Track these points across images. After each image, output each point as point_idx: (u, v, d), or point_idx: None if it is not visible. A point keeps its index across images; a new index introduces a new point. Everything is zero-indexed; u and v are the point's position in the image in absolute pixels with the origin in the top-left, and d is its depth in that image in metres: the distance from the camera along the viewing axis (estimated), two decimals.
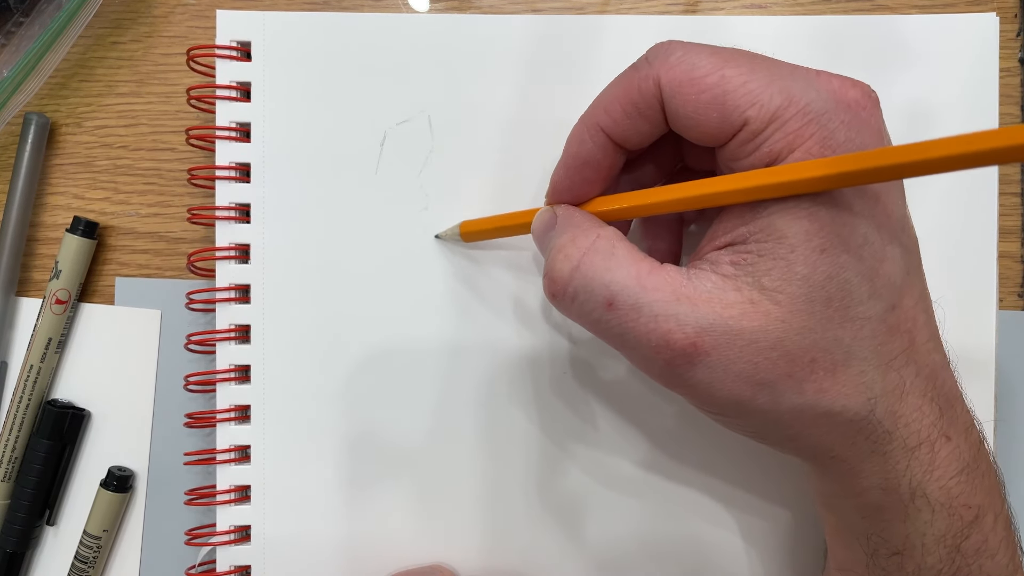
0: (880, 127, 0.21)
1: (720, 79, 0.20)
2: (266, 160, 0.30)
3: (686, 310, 0.20)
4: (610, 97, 0.23)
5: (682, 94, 0.21)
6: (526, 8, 0.32)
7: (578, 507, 0.30)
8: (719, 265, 0.21)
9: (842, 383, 0.20)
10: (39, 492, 0.32)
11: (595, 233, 0.22)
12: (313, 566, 0.30)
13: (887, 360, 0.21)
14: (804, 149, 0.20)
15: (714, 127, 0.21)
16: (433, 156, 0.30)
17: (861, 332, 0.20)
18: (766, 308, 0.20)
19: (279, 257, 0.30)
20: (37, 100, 0.33)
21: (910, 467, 0.21)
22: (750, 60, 0.21)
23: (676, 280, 0.21)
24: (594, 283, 0.21)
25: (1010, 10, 0.31)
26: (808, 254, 0.20)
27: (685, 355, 0.20)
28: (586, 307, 0.22)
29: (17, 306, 0.33)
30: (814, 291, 0.20)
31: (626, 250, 0.22)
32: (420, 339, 0.30)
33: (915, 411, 0.21)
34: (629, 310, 0.21)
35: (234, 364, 0.30)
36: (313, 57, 0.30)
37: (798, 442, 0.22)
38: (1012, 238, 0.32)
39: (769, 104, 0.20)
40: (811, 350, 0.20)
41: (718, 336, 0.20)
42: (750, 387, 0.20)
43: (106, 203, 0.33)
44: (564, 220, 0.24)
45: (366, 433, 0.30)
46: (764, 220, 0.20)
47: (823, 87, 0.20)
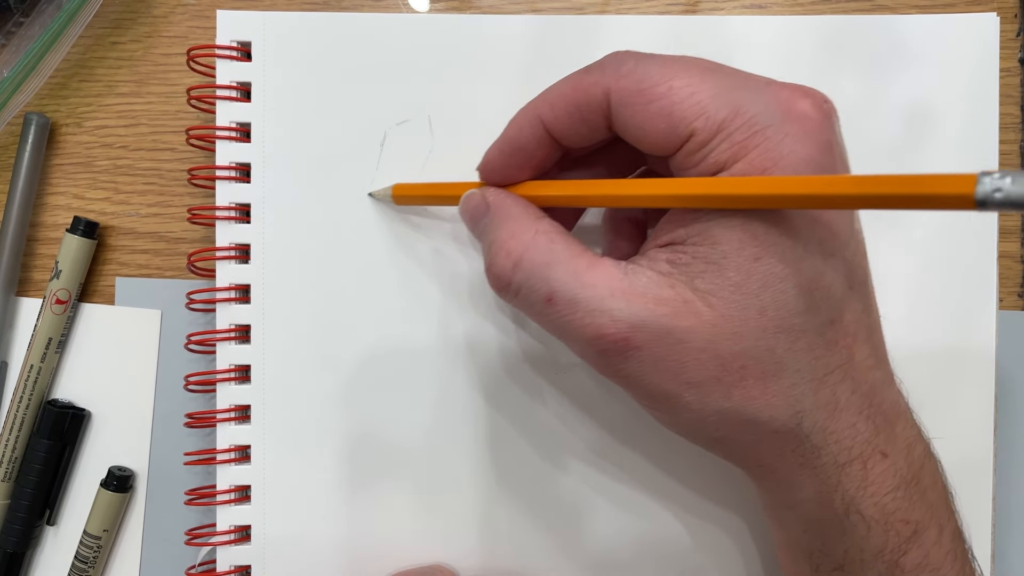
0: (829, 139, 0.21)
1: (668, 90, 0.20)
2: (266, 160, 0.30)
3: (620, 305, 0.20)
4: (557, 93, 0.23)
5: (631, 104, 0.21)
6: (526, 8, 0.32)
7: (578, 507, 0.30)
8: (656, 262, 0.21)
9: (771, 393, 0.20)
10: (39, 492, 0.32)
11: (533, 228, 0.22)
12: (313, 566, 0.30)
13: (822, 375, 0.21)
14: (747, 160, 0.20)
15: (661, 138, 0.21)
16: (433, 156, 0.30)
17: (796, 344, 0.20)
18: (698, 309, 0.20)
19: (279, 257, 0.30)
20: (37, 100, 0.33)
21: (841, 483, 0.21)
22: (701, 71, 0.21)
23: (612, 275, 0.21)
24: (534, 279, 0.22)
25: (1010, 10, 0.31)
26: (741, 262, 0.20)
27: (617, 348, 0.21)
28: (528, 300, 0.22)
29: (17, 306, 0.33)
30: (747, 299, 0.20)
31: (564, 245, 0.22)
32: (420, 339, 0.30)
33: (848, 428, 0.21)
34: (567, 304, 0.21)
35: (234, 364, 0.30)
36: (313, 57, 0.30)
37: (726, 446, 0.22)
38: (1012, 238, 0.32)
39: (715, 116, 0.20)
40: (741, 357, 0.20)
41: (649, 332, 0.20)
42: (678, 384, 0.21)
43: (106, 203, 0.33)
44: (499, 210, 0.24)
45: (366, 433, 0.30)
46: (701, 225, 0.20)
47: (772, 98, 0.20)
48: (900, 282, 0.30)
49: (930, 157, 0.30)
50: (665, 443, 0.30)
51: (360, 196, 0.30)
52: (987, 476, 0.30)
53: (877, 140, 0.30)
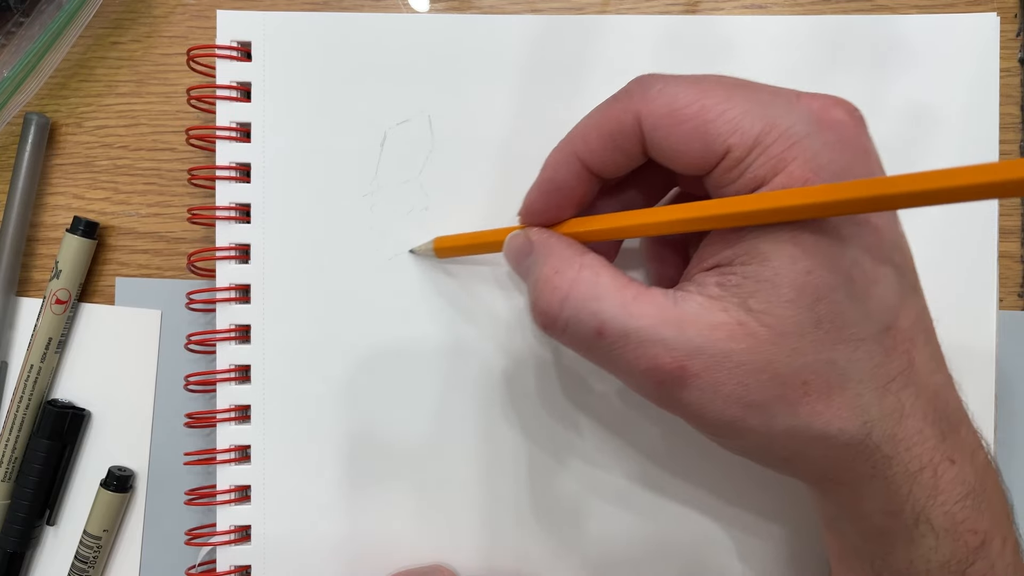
0: (866, 145, 0.21)
1: (700, 109, 0.20)
2: (266, 160, 0.30)
3: (673, 334, 0.20)
4: (588, 126, 0.23)
5: (663, 127, 0.21)
6: (526, 8, 0.32)
7: (578, 507, 0.30)
8: (705, 287, 0.21)
9: (837, 406, 0.20)
10: (39, 492, 0.32)
11: (578, 263, 0.22)
12: (313, 566, 0.30)
13: (884, 382, 0.20)
14: (787, 172, 0.19)
15: (697, 157, 0.21)
16: (433, 156, 0.30)
17: (856, 354, 0.20)
18: (753, 329, 0.20)
19: (279, 257, 0.30)
20: (37, 100, 0.33)
21: (913, 492, 0.21)
22: (729, 88, 0.21)
23: (662, 304, 0.21)
24: (582, 313, 0.21)
25: (1010, 10, 0.31)
26: (794, 277, 0.20)
27: (674, 378, 0.20)
28: (577, 336, 0.22)
29: (17, 306, 0.33)
30: (802, 313, 0.20)
31: (610, 277, 0.22)
32: (420, 339, 0.30)
33: (916, 434, 0.21)
34: (618, 338, 0.21)
35: (234, 364, 0.30)
36: (313, 57, 0.30)
37: (795, 464, 0.22)
38: (1012, 238, 0.32)
39: (750, 130, 0.20)
40: (803, 372, 0.20)
41: (706, 359, 0.20)
42: (741, 408, 0.20)
43: (106, 203, 0.33)
44: (543, 248, 0.24)
45: (366, 433, 0.30)
46: (748, 243, 0.20)
47: (804, 109, 0.20)
48: None
49: (930, 157, 0.30)
50: (667, 443, 0.30)
51: (360, 196, 0.30)
52: None
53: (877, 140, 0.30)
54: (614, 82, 0.30)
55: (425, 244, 0.29)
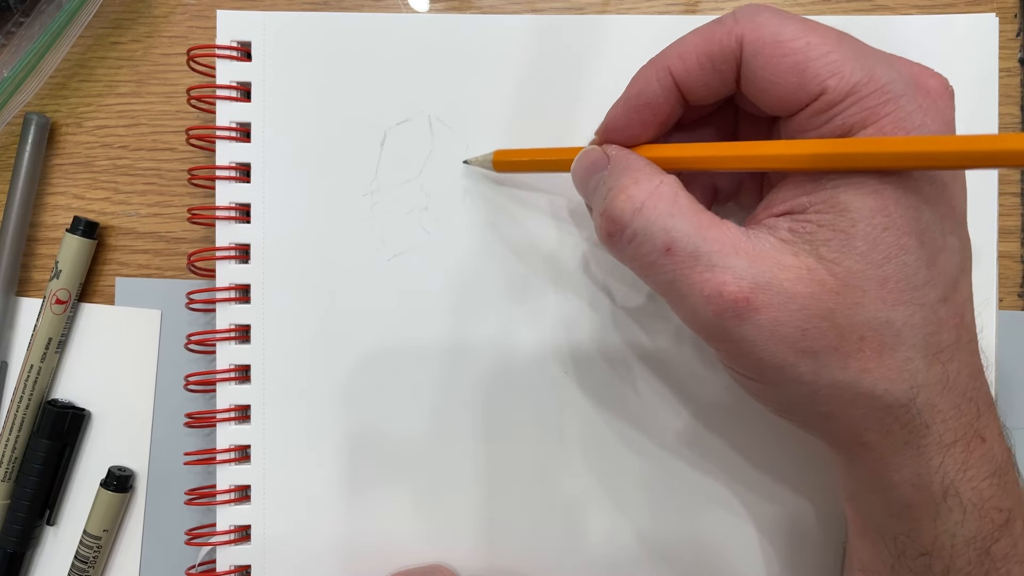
0: (952, 119, 0.21)
1: (805, 45, 0.20)
2: (266, 160, 0.30)
3: (744, 264, 0.20)
4: (687, 45, 0.22)
5: (764, 55, 0.21)
6: (526, 8, 0.32)
7: (578, 507, 0.30)
8: (777, 230, 0.21)
9: (887, 366, 0.20)
10: (39, 492, 0.32)
11: (658, 179, 0.22)
12: (313, 566, 0.30)
13: (935, 351, 0.20)
14: (877, 127, 0.20)
15: (790, 93, 0.20)
16: (433, 156, 0.30)
17: (913, 318, 0.20)
18: (822, 277, 0.20)
19: (279, 257, 0.30)
20: (37, 100, 0.33)
21: (944, 464, 0.21)
22: (837, 34, 0.21)
23: (736, 235, 0.21)
24: (654, 227, 0.21)
25: (1010, 10, 0.31)
26: (869, 231, 0.20)
27: (736, 308, 0.20)
28: (642, 249, 0.21)
29: (17, 306, 0.33)
30: (871, 269, 0.20)
31: (688, 199, 0.21)
32: (420, 339, 0.30)
33: (954, 408, 0.21)
34: (687, 257, 0.20)
35: (234, 364, 0.30)
36: (313, 57, 0.30)
37: (830, 422, 0.22)
38: (1012, 238, 0.32)
39: (850, 77, 0.20)
40: (861, 327, 0.20)
41: (772, 295, 0.20)
42: (794, 353, 0.20)
43: (106, 203, 0.33)
44: (621, 162, 0.23)
45: (366, 433, 0.30)
46: (827, 192, 0.20)
47: (904, 70, 0.20)
48: None
49: None
50: (666, 442, 0.30)
51: (360, 196, 0.30)
52: None
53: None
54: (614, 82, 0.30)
55: (484, 155, 0.29)
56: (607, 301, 0.30)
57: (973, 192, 0.29)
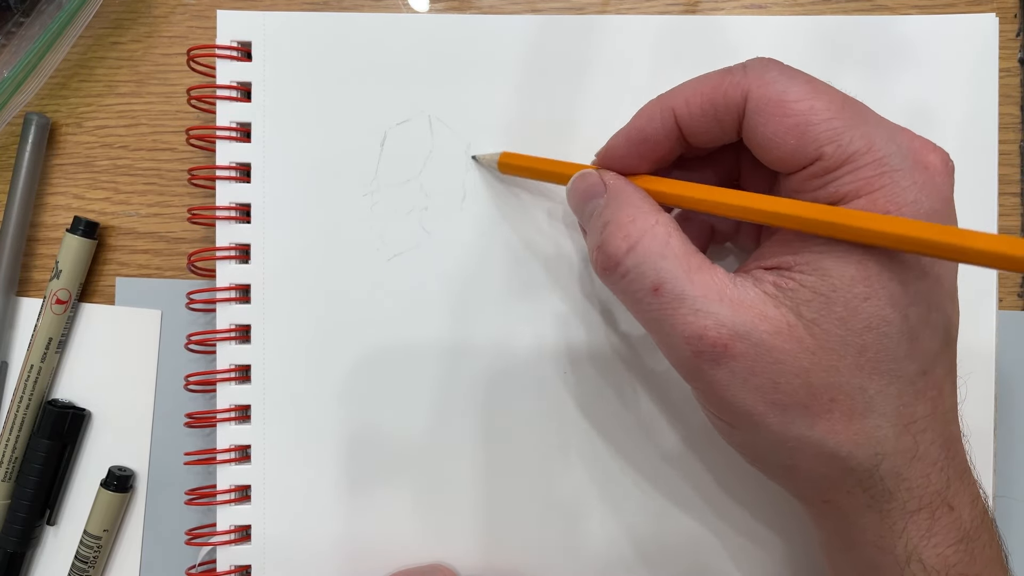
0: (950, 197, 0.21)
1: (808, 108, 0.20)
2: (266, 160, 0.30)
3: (726, 312, 0.20)
4: (694, 89, 0.23)
5: (767, 112, 0.21)
6: (526, 8, 0.32)
7: (578, 507, 0.30)
8: (762, 283, 0.21)
9: (855, 430, 0.20)
10: (39, 492, 0.32)
11: (653, 218, 0.22)
12: (313, 566, 0.30)
13: (907, 422, 0.21)
14: (870, 198, 0.20)
15: (788, 153, 0.21)
16: (433, 156, 0.30)
17: (888, 388, 0.20)
18: (800, 335, 0.20)
19: (279, 257, 0.30)
20: (37, 100, 0.33)
21: (907, 530, 0.21)
22: (842, 99, 0.21)
23: (722, 282, 0.21)
24: (646, 266, 0.21)
25: (1010, 10, 0.31)
26: (850, 299, 0.20)
27: (714, 352, 0.20)
28: (633, 286, 0.22)
29: (17, 306, 0.33)
30: (850, 336, 0.20)
31: (680, 241, 0.22)
32: (420, 339, 0.30)
33: (922, 477, 0.21)
34: (673, 299, 0.21)
35: (234, 364, 0.30)
36: (313, 57, 0.30)
37: (795, 476, 0.22)
38: None
39: (848, 146, 0.20)
40: (833, 390, 0.20)
41: (749, 345, 0.20)
42: (764, 403, 0.20)
43: (106, 203, 0.33)
44: (619, 192, 0.23)
45: (366, 433, 0.30)
46: (812, 254, 0.20)
47: (904, 143, 0.20)
48: None
49: None
50: (666, 444, 0.30)
51: (360, 196, 0.30)
52: (987, 476, 0.30)
53: None
54: (614, 82, 0.30)
55: (491, 154, 0.29)
56: (606, 303, 0.30)
57: (973, 192, 0.30)
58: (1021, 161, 0.31)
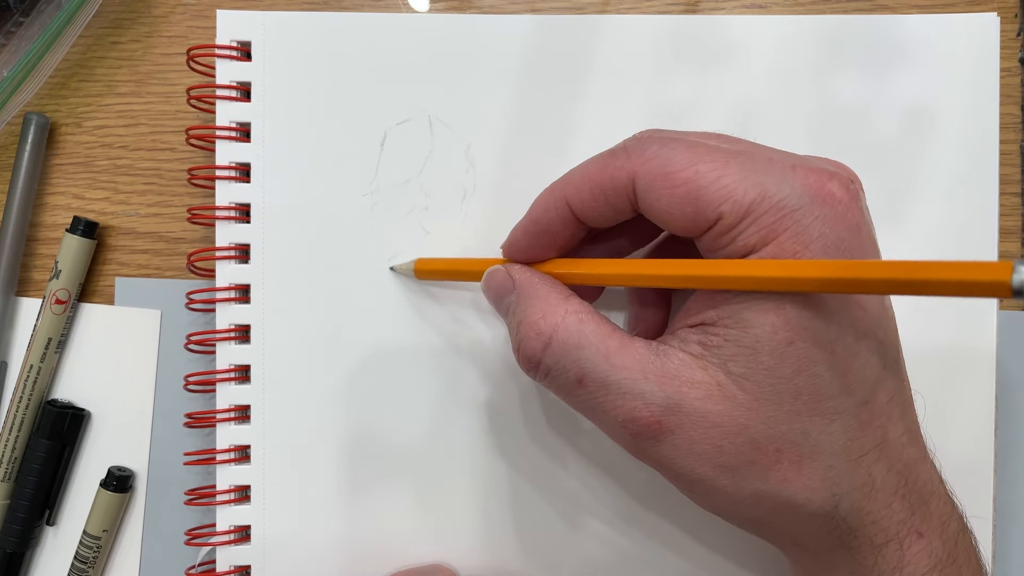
0: (858, 220, 0.21)
1: (694, 174, 0.20)
2: (266, 160, 0.30)
3: (652, 388, 0.20)
4: (581, 176, 0.23)
5: (656, 188, 0.21)
6: (526, 8, 0.32)
7: (578, 506, 0.30)
8: (688, 343, 0.21)
9: (807, 476, 0.20)
10: (39, 492, 0.32)
11: (563, 308, 0.22)
12: (313, 566, 0.30)
13: (857, 456, 0.21)
14: (777, 243, 0.20)
15: (688, 221, 0.21)
16: (433, 156, 0.30)
17: (831, 427, 0.20)
18: (732, 392, 0.20)
19: (279, 257, 0.30)
20: (37, 100, 0.33)
21: (878, 564, 0.21)
22: (724, 155, 0.21)
23: (644, 357, 0.21)
24: (565, 360, 0.22)
25: (1010, 10, 0.31)
26: (774, 347, 0.20)
27: (650, 432, 0.21)
28: (558, 382, 0.22)
29: (17, 306, 0.33)
30: (781, 383, 0.20)
31: (595, 325, 0.22)
32: (420, 339, 0.30)
33: (884, 508, 0.21)
34: (598, 387, 0.21)
35: (234, 364, 0.30)
36: (313, 57, 0.30)
37: (761, 526, 0.22)
38: (1012, 238, 0.32)
39: (743, 200, 0.20)
40: (777, 440, 0.20)
41: (683, 416, 0.20)
42: (712, 468, 0.20)
43: (106, 203, 0.33)
44: (527, 288, 0.24)
45: (366, 433, 0.30)
46: (732, 307, 0.20)
47: (800, 181, 0.20)
48: None
49: (930, 157, 0.30)
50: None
51: (360, 196, 0.30)
52: (988, 476, 0.30)
53: (877, 140, 0.30)
54: (614, 82, 0.30)
55: (406, 264, 0.29)
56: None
57: (974, 192, 0.30)
58: (1021, 161, 0.31)
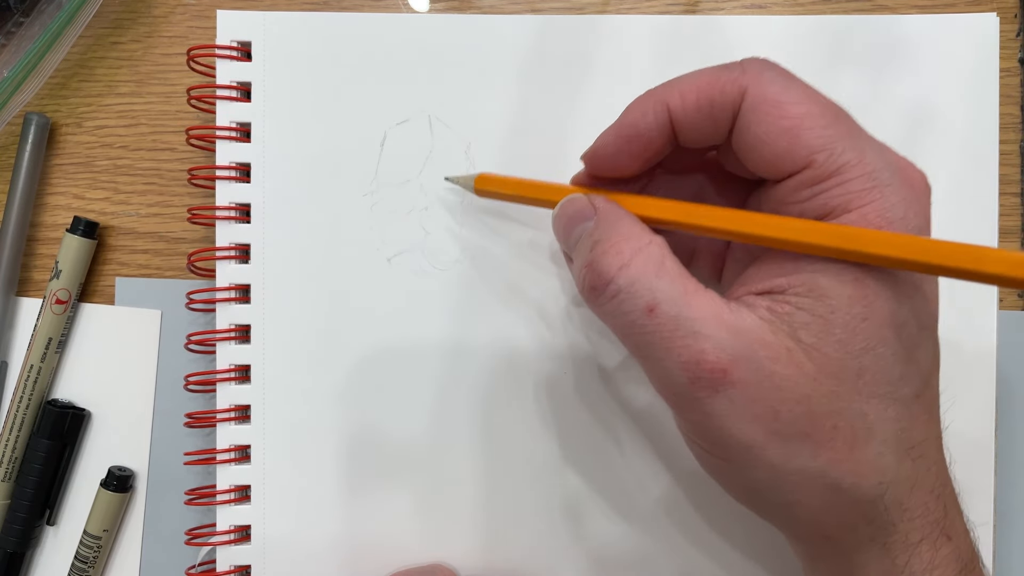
0: (929, 214, 0.21)
1: (804, 112, 0.20)
2: (266, 160, 0.30)
3: (725, 336, 0.19)
4: (689, 84, 0.22)
5: (761, 111, 0.20)
6: (526, 8, 0.32)
7: (578, 507, 0.30)
8: (756, 309, 0.20)
9: (858, 459, 0.20)
10: (39, 492, 0.32)
11: (647, 239, 0.21)
12: (313, 566, 0.30)
13: (907, 447, 0.20)
14: (860, 213, 0.19)
15: (777, 157, 0.20)
16: (433, 156, 0.30)
17: (887, 412, 0.20)
18: (799, 359, 0.19)
19: (279, 257, 0.30)
20: (37, 100, 0.33)
21: (910, 563, 0.20)
22: (836, 110, 0.20)
23: (720, 306, 0.20)
24: (640, 285, 0.20)
25: (1010, 10, 0.31)
26: (848, 320, 0.19)
27: (712, 379, 0.19)
28: (624, 307, 0.21)
29: (17, 306, 0.33)
30: (849, 358, 0.19)
31: (675, 263, 0.21)
32: (420, 339, 0.30)
33: (921, 506, 0.20)
34: (669, 320, 0.20)
35: (234, 364, 0.30)
36: (313, 57, 0.30)
37: (794, 512, 0.21)
38: (1012, 238, 0.32)
39: (839, 156, 0.19)
40: (835, 416, 0.19)
41: (751, 371, 0.19)
42: (765, 434, 0.19)
43: (106, 203, 0.33)
44: (610, 215, 0.22)
45: (366, 433, 0.30)
46: (807, 275, 0.20)
47: (892, 159, 0.20)
48: None
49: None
50: (666, 444, 0.30)
51: (360, 196, 0.30)
52: (988, 476, 0.30)
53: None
54: (614, 82, 0.30)
55: (466, 176, 0.28)
56: None
57: (974, 192, 0.30)
58: (1021, 161, 0.31)
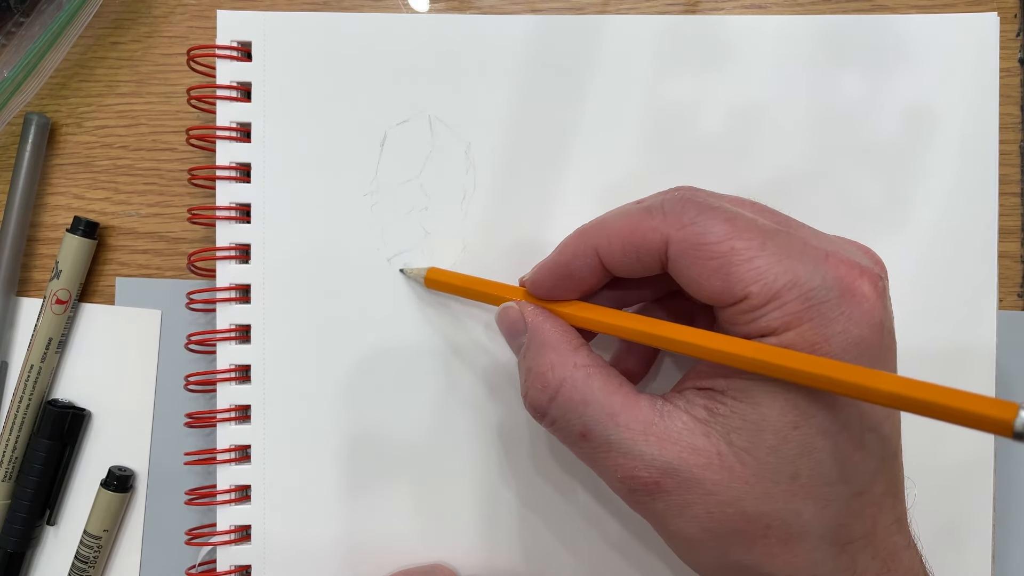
0: (881, 319, 0.21)
1: (729, 250, 0.20)
2: (266, 160, 0.30)
3: (653, 451, 0.21)
4: (615, 230, 0.23)
5: (688, 257, 0.21)
6: (526, 8, 0.32)
7: (578, 507, 0.30)
8: (694, 407, 0.21)
9: (791, 554, 0.20)
10: (39, 492, 0.32)
11: (572, 361, 0.23)
12: (313, 566, 0.30)
13: (844, 542, 0.21)
14: (798, 331, 0.20)
15: (715, 293, 0.21)
16: (433, 156, 0.30)
17: (824, 512, 0.20)
18: (731, 463, 0.20)
19: (279, 257, 0.30)
20: (37, 100, 0.33)
21: None
22: (761, 233, 0.21)
23: (648, 417, 0.21)
24: (570, 415, 0.22)
25: (1010, 10, 0.31)
26: (780, 427, 0.20)
27: (647, 490, 0.21)
28: (562, 433, 0.23)
29: (17, 306, 0.33)
30: (782, 463, 0.20)
31: (602, 380, 0.23)
32: (420, 339, 0.30)
33: None
34: (601, 443, 0.22)
35: (234, 364, 0.30)
36: (313, 57, 0.30)
37: None
38: (1012, 238, 0.32)
39: (773, 284, 0.20)
40: (768, 516, 0.20)
41: (680, 480, 0.21)
42: (700, 531, 0.21)
43: (106, 203, 0.33)
44: (538, 334, 0.24)
45: (366, 433, 0.30)
46: (743, 382, 0.21)
47: (830, 273, 0.20)
48: (901, 282, 0.29)
49: (930, 157, 0.30)
50: None
51: (360, 196, 0.30)
52: (988, 476, 0.30)
53: (877, 140, 0.30)
54: (614, 82, 0.30)
55: (418, 270, 0.29)
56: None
57: (974, 192, 0.30)
58: (1021, 161, 0.31)
